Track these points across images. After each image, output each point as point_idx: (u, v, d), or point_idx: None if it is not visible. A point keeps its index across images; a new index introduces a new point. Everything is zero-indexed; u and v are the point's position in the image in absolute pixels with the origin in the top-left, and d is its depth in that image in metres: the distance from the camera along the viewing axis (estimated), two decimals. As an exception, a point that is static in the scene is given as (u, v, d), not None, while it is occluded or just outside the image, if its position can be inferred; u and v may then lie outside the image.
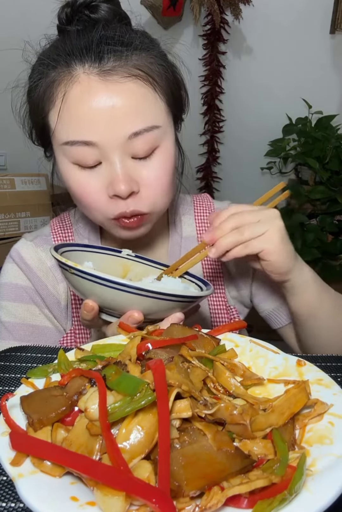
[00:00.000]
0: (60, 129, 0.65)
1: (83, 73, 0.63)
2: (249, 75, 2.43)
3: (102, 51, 0.63)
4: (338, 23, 2.27)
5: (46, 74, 0.66)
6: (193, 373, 0.41)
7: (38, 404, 0.38)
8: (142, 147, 0.65)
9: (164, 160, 0.68)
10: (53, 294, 0.80)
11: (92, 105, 0.62)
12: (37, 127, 0.72)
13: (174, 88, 0.71)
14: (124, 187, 0.64)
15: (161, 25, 2.29)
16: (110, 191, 0.65)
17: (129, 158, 0.65)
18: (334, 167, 2.08)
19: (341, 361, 0.57)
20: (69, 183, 0.69)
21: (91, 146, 0.63)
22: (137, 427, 0.33)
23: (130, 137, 0.63)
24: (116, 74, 0.63)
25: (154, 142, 0.66)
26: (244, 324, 0.55)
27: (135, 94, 0.64)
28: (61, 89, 0.64)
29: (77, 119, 0.63)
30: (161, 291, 0.53)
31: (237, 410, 0.36)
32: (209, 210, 0.87)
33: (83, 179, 0.67)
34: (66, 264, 0.55)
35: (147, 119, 0.64)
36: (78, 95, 0.63)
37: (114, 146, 0.64)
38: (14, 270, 0.79)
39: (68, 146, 0.65)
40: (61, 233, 0.83)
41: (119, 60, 0.64)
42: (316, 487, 0.30)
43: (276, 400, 0.39)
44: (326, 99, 2.33)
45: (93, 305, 0.57)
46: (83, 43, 0.64)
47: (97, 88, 0.62)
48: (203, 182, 2.56)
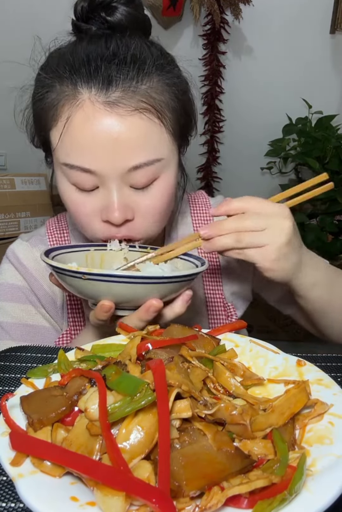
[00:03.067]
0: (61, 150, 0.64)
1: (89, 99, 0.61)
2: (249, 75, 2.43)
3: (111, 76, 0.61)
4: (338, 23, 2.27)
5: (51, 87, 0.65)
6: (193, 373, 0.41)
7: (38, 404, 0.38)
8: (141, 180, 0.64)
9: (162, 191, 0.67)
10: (49, 294, 0.80)
11: (95, 134, 0.61)
12: (40, 136, 0.71)
13: (183, 115, 0.69)
14: (119, 215, 0.64)
15: (161, 25, 2.29)
16: (104, 216, 0.65)
17: (127, 186, 0.65)
18: (334, 167, 2.08)
19: (341, 361, 0.57)
20: (65, 200, 0.69)
21: (90, 173, 0.63)
22: (137, 427, 0.33)
23: (130, 170, 0.62)
24: (123, 107, 0.61)
25: (155, 174, 0.65)
26: (244, 324, 0.55)
27: (140, 128, 0.62)
28: (65, 111, 0.63)
29: (79, 145, 0.62)
30: (179, 274, 0.55)
31: (237, 410, 0.36)
32: (204, 206, 0.87)
33: (80, 200, 0.66)
34: (78, 272, 0.54)
35: (150, 153, 0.63)
36: (81, 122, 0.61)
37: (113, 176, 0.63)
38: (10, 270, 0.80)
39: (67, 168, 0.64)
40: (57, 233, 0.83)
41: (127, 89, 0.61)
42: (316, 487, 0.30)
43: (276, 400, 0.39)
44: (326, 99, 2.33)
45: (111, 305, 0.56)
46: (92, 62, 0.62)
47: (102, 118, 0.61)
48: (203, 182, 2.56)
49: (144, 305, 0.56)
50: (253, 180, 2.49)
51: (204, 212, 0.86)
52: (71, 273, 0.55)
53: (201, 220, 0.86)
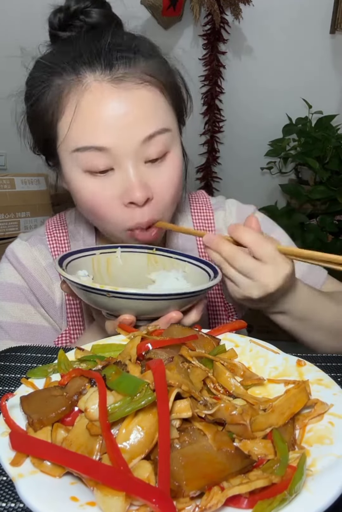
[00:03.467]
0: (71, 138, 0.65)
1: (95, 80, 0.63)
2: (249, 75, 2.43)
3: (113, 58, 0.64)
4: (338, 23, 2.27)
5: (50, 83, 0.66)
6: (193, 373, 0.41)
7: (38, 404, 0.38)
8: (156, 150, 0.65)
9: (175, 166, 0.68)
10: (48, 293, 0.80)
11: (106, 112, 0.63)
12: (40, 138, 0.71)
13: (178, 93, 0.72)
14: (140, 194, 0.64)
15: (161, 25, 2.29)
16: (126, 199, 0.65)
17: (142, 163, 0.66)
18: (334, 167, 2.08)
19: (341, 361, 0.57)
20: (81, 193, 0.68)
21: (104, 151, 0.63)
22: (137, 427, 0.33)
23: (144, 141, 0.64)
24: (129, 81, 0.64)
25: (166, 146, 0.66)
26: (244, 324, 0.55)
27: (147, 100, 0.64)
28: (71, 98, 0.64)
29: (91, 125, 0.63)
30: (198, 289, 0.56)
31: (237, 410, 0.36)
32: (205, 206, 0.87)
33: (96, 187, 0.66)
34: (103, 290, 0.53)
35: (159, 123, 0.65)
36: (91, 102, 0.63)
37: (128, 152, 0.64)
38: (9, 270, 0.79)
39: (80, 153, 0.64)
40: (56, 233, 0.83)
41: (129, 67, 0.64)
42: (316, 487, 0.30)
43: (276, 400, 0.39)
44: (326, 99, 2.32)
45: (132, 319, 0.56)
46: (92, 49, 0.64)
47: (111, 95, 0.63)
48: (203, 182, 2.56)
49: (165, 317, 0.56)
50: (253, 180, 2.50)
51: (204, 211, 0.87)
52: (95, 290, 0.54)
53: (201, 219, 0.86)
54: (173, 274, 0.68)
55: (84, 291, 0.56)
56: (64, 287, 0.63)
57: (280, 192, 2.39)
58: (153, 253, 0.72)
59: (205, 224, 0.85)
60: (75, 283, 0.56)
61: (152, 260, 0.73)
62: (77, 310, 0.81)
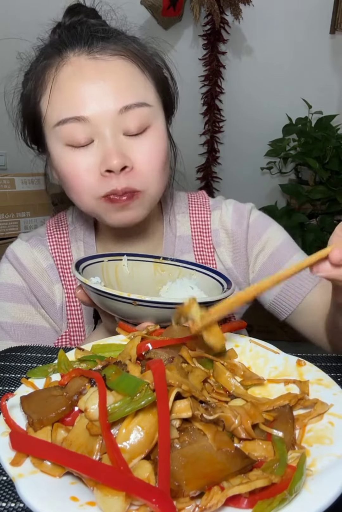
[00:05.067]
0: (52, 111, 0.67)
1: (74, 55, 0.67)
2: (249, 75, 2.43)
3: (92, 37, 0.68)
4: (338, 23, 2.27)
5: (37, 66, 0.70)
6: (193, 374, 0.41)
7: (38, 404, 0.37)
8: (134, 123, 0.66)
9: (156, 140, 0.69)
10: (48, 295, 0.80)
11: (83, 82, 0.66)
12: (29, 121, 0.73)
13: (162, 77, 0.74)
14: (117, 161, 0.65)
15: (161, 25, 2.29)
16: (103, 166, 0.66)
17: (121, 134, 0.67)
18: (334, 167, 2.08)
19: (341, 361, 0.57)
20: (61, 166, 0.69)
21: (83, 122, 0.65)
22: (137, 427, 0.33)
23: (122, 110, 0.65)
24: (105, 53, 0.67)
25: (146, 120, 0.68)
26: (244, 324, 0.55)
27: (124, 71, 0.67)
28: (51, 74, 0.68)
29: (69, 96, 0.66)
30: (216, 299, 0.56)
31: (237, 419, 0.36)
32: (203, 207, 0.86)
33: (75, 159, 0.67)
34: (129, 298, 0.53)
35: (137, 95, 0.67)
36: (69, 75, 0.66)
37: (106, 120, 0.65)
38: (10, 271, 0.79)
39: (60, 126, 0.66)
40: (57, 233, 0.83)
41: (107, 43, 0.68)
42: (316, 487, 0.30)
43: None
44: (326, 99, 2.32)
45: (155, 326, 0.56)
46: (73, 30, 0.69)
47: (87, 66, 0.66)
48: (203, 182, 2.56)
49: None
50: (253, 180, 2.49)
51: (201, 212, 0.85)
52: (121, 299, 0.54)
53: (198, 220, 0.85)
54: (185, 282, 0.69)
55: (108, 298, 0.56)
56: (80, 294, 0.63)
57: (280, 192, 2.39)
58: (161, 262, 0.73)
59: (201, 225, 0.85)
60: (99, 291, 0.55)
61: (158, 268, 0.74)
62: (77, 312, 0.81)
